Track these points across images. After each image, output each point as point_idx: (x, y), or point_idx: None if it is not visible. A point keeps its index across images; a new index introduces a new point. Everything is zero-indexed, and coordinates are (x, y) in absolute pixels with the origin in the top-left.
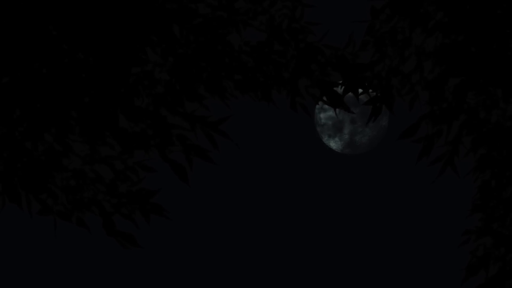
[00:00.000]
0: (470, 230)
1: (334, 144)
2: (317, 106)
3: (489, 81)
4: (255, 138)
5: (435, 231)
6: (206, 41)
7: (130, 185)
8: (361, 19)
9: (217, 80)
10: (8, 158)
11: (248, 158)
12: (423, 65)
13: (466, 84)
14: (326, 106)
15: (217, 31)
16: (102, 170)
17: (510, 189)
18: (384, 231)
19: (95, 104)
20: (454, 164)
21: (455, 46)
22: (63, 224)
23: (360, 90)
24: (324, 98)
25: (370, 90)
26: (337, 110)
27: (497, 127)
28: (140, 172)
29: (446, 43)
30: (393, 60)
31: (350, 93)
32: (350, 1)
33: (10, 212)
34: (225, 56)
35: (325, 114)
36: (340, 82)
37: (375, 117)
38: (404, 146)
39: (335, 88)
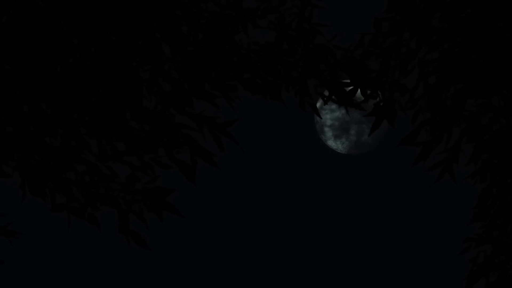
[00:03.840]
0: (471, 237)
1: (340, 145)
2: (317, 107)
3: (490, 88)
4: (257, 139)
5: (436, 232)
6: (215, 40)
7: (147, 182)
8: (367, 28)
9: (224, 79)
10: (23, 154)
11: (251, 160)
12: (427, 79)
13: (466, 91)
14: (331, 107)
15: (225, 30)
16: (118, 167)
17: (510, 197)
18: (389, 231)
19: (102, 104)
20: (453, 171)
21: (454, 53)
22: (62, 225)
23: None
24: (333, 97)
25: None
26: (343, 110)
27: (499, 135)
28: (156, 168)
29: (445, 49)
30: (396, 72)
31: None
32: (360, 3)
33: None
34: (233, 55)
35: (331, 115)
36: (348, 81)
37: (373, 130)
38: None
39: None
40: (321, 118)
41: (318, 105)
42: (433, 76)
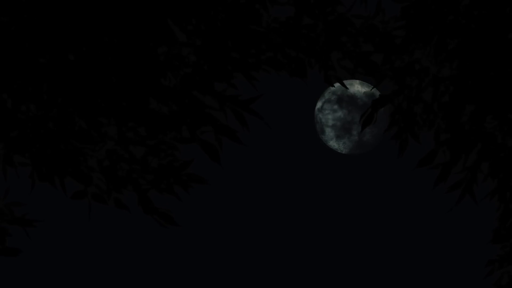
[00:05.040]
0: (493, 260)
1: (341, 145)
2: (318, 108)
3: (506, 106)
4: (257, 140)
5: (436, 231)
6: (236, 19)
7: (161, 158)
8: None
9: (247, 57)
10: (39, 141)
11: (252, 161)
12: (441, 98)
13: (483, 110)
14: (333, 107)
15: (247, 9)
16: (136, 150)
17: None
18: (390, 231)
19: (122, 85)
20: (473, 191)
21: (468, 70)
22: (62, 223)
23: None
24: (359, 69)
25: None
26: (345, 110)
27: None
28: (167, 149)
29: (459, 66)
30: (412, 90)
31: (359, 91)
32: None
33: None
34: (255, 33)
35: (332, 116)
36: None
37: (402, 152)
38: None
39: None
40: (347, 89)
41: (319, 105)
42: (447, 95)
